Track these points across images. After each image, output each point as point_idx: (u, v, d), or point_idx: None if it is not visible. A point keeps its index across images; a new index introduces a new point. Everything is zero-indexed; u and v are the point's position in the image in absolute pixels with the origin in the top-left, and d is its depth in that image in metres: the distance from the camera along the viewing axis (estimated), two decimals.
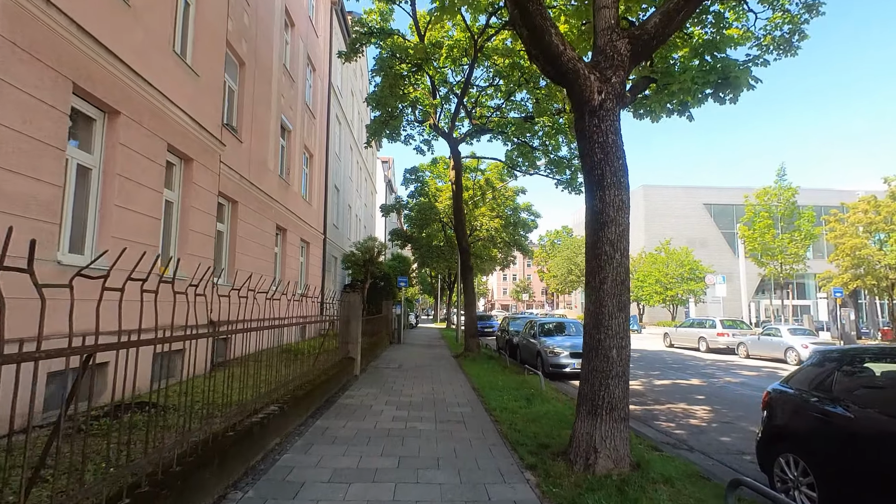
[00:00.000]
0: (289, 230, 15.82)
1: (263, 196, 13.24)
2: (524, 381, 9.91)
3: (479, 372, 11.26)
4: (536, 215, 24.80)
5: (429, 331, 33.29)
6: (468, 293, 14.95)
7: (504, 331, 18.73)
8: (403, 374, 10.73)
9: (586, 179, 4.52)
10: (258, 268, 12.82)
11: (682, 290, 40.47)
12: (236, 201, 11.48)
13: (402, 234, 25.22)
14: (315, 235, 19.42)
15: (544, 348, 12.06)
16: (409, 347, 18.41)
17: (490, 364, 12.88)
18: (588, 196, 4.50)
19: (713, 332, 19.51)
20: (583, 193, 15.97)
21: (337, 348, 10.20)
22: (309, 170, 19.08)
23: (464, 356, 14.25)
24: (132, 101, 6.54)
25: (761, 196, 24.99)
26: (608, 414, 4.14)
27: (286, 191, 15.56)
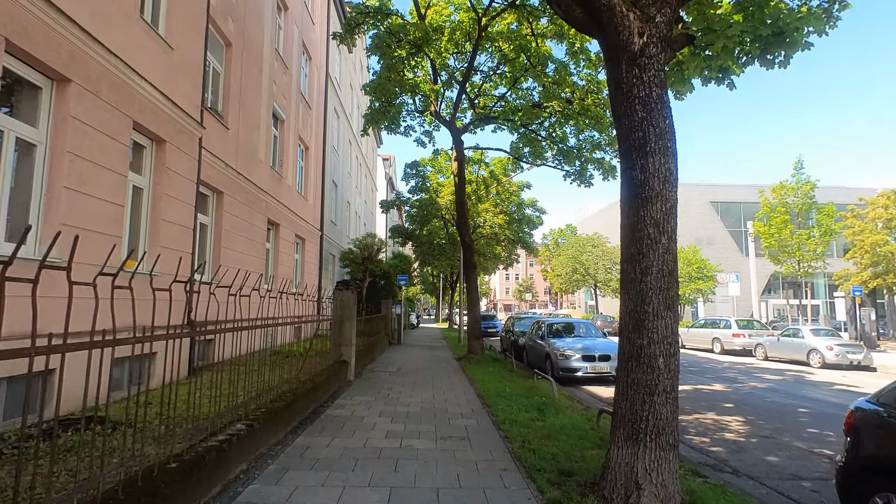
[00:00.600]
0: (282, 225, 14.98)
1: (253, 188, 12.40)
2: (533, 387, 9.04)
3: (484, 376, 10.39)
4: (542, 211, 23.89)
5: (430, 331, 32.44)
6: (471, 291, 14.08)
7: (509, 331, 17.85)
8: (402, 379, 9.86)
9: (623, 146, 3.64)
10: (247, 264, 11.98)
11: (689, 289, 39.50)
12: (221, 192, 10.64)
13: (403, 231, 24.34)
14: (311, 232, 18.58)
15: (554, 351, 11.18)
16: (409, 349, 17.55)
17: (495, 367, 12.01)
18: (625, 167, 3.62)
19: (728, 333, 18.60)
20: (592, 186, 15.06)
21: (328, 351, 9.35)
22: (304, 163, 18.24)
23: (467, 359, 13.38)
24: (86, 68, 5.68)
25: (777, 191, 24.01)
26: (654, 440, 3.26)
27: (279, 184, 14.72)
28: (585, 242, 47.61)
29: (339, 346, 9.37)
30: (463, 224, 14.05)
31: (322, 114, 20.47)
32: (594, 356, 10.77)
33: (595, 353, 10.80)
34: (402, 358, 14.13)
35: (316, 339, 11.59)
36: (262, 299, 5.43)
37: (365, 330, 15.29)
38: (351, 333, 9.51)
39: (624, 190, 3.61)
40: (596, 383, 10.93)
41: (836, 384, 11.55)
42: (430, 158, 23.63)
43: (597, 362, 10.73)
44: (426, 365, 12.48)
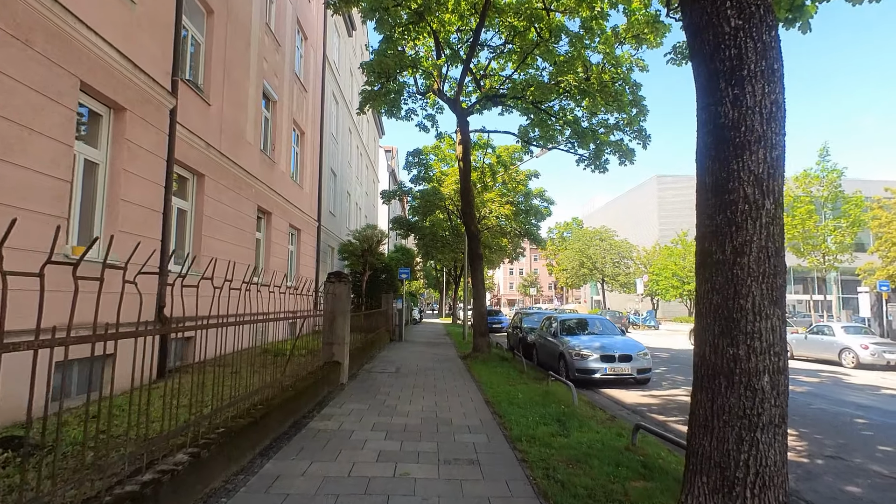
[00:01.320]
0: (274, 214, 13.98)
1: (240, 172, 11.38)
2: (548, 392, 8.02)
3: (492, 378, 9.39)
4: (550, 202, 22.76)
5: (433, 326, 31.47)
6: (477, 285, 13.05)
7: (516, 328, 16.82)
8: (401, 382, 8.87)
9: (702, 73, 2.58)
10: (234, 255, 10.99)
11: None
12: (202, 174, 9.63)
13: (405, 222, 23.31)
14: (307, 222, 17.58)
15: (569, 350, 10.15)
16: (410, 346, 16.57)
17: (503, 367, 11.00)
18: (705, 103, 2.57)
19: None
20: (607, 171, 13.96)
21: (318, 350, 8.35)
22: (300, 149, 17.22)
23: (472, 357, 12.38)
24: (12, 9, 4.66)
25: (801, 179, 22.78)
26: (757, 495, 2.24)
27: (271, 169, 13.70)
28: (593, 236, 46.48)
29: (331, 345, 8.38)
30: (468, 212, 13.00)
31: (319, 98, 19.42)
32: (614, 356, 9.74)
33: (615, 353, 9.77)
34: (403, 356, 13.15)
35: (311, 336, 10.63)
36: (247, 293, 4.81)
37: (363, 326, 14.33)
38: (344, 331, 8.50)
39: (704, 137, 2.57)
40: (615, 386, 9.91)
41: (882, 388, 10.49)
42: (432, 146, 22.57)
43: (617, 363, 9.70)
44: (428, 364, 11.48)
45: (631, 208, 56.23)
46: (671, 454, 5.04)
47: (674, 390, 9.66)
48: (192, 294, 3.71)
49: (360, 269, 20.67)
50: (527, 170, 21.69)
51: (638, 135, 11.79)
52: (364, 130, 32.39)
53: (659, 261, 42.24)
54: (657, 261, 42.87)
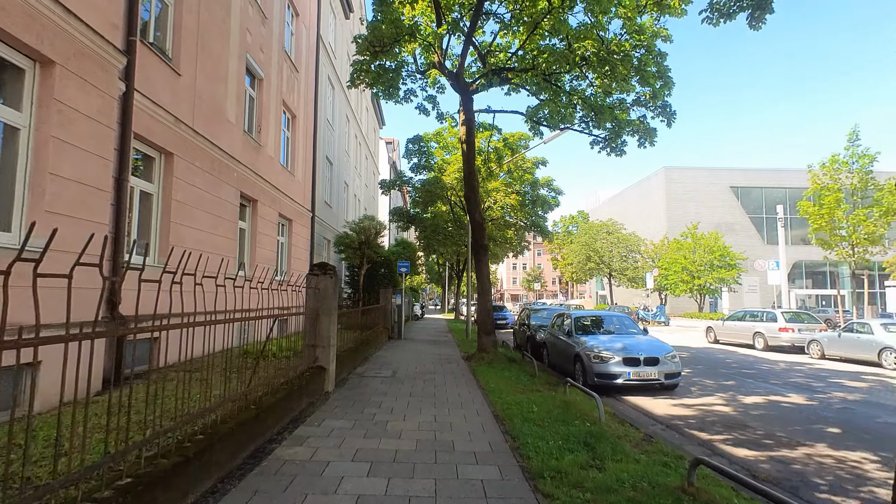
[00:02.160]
0: (261, 202, 12.84)
1: (219, 153, 10.23)
2: (567, 402, 6.86)
3: (500, 384, 8.25)
4: (558, 192, 21.46)
5: (435, 322, 30.34)
6: (482, 278, 11.88)
7: (523, 325, 15.68)
8: (396, 389, 7.73)
9: None
10: (213, 245, 9.88)
11: (710, 278, 37.10)
12: (171, 153, 8.48)
13: (405, 213, 22.10)
14: (300, 212, 16.44)
15: (586, 351, 8.99)
16: (410, 344, 15.44)
17: (512, 371, 9.85)
18: None
19: (773, 327, 16.31)
20: (625, 154, 12.72)
21: (299, 353, 7.22)
22: (291, 134, 16.05)
23: (477, 358, 11.23)
24: None
25: (829, 166, 21.39)
26: None
27: (257, 153, 12.54)
28: (599, 229, 45.22)
29: (314, 347, 7.23)
30: (472, 198, 11.80)
31: (313, 81, 18.22)
32: (638, 359, 8.57)
33: (639, 356, 8.60)
34: (401, 357, 12.01)
35: (300, 336, 9.53)
36: (229, 288, 4.32)
37: (358, 323, 13.20)
38: (330, 332, 7.36)
39: None
40: (639, 392, 8.74)
41: None
42: (434, 133, 21.34)
43: (642, 367, 8.53)
44: (428, 367, 10.35)
45: (637, 202, 54.85)
46: (739, 496, 3.87)
47: (708, 398, 8.48)
48: (164, 290, 3.31)
49: (358, 262, 19.54)
50: (534, 157, 20.51)
51: (662, 111, 10.56)
52: (363, 119, 31.18)
53: (668, 254, 40.97)
54: (665, 255, 41.62)
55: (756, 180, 51.43)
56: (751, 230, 49.74)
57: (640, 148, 12.10)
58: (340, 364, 8.61)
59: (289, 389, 5.64)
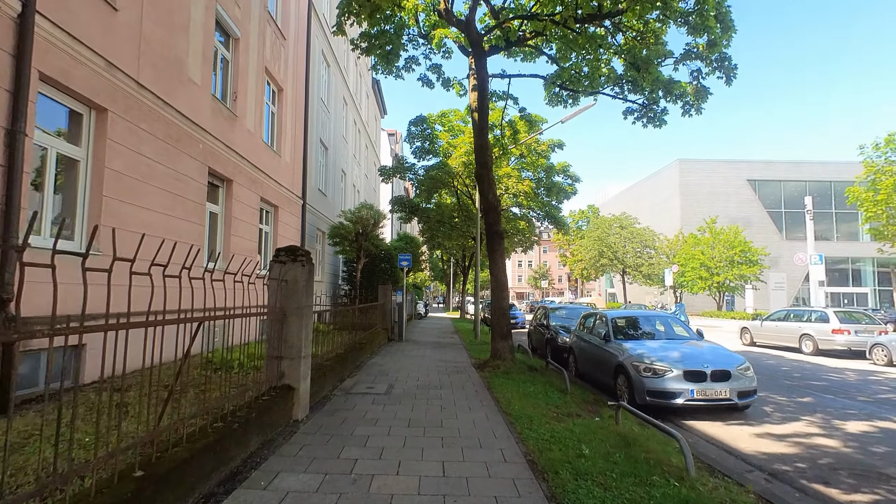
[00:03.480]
0: (237, 183, 10.99)
1: (178, 118, 8.38)
2: (624, 436, 4.96)
3: (526, 405, 6.37)
4: (575, 179, 19.44)
5: (439, 322, 28.47)
6: (497, 272, 9.98)
7: (541, 326, 13.77)
8: (390, 415, 5.87)
9: None
10: (168, 229, 8.05)
11: (731, 275, 35.04)
12: (104, 108, 6.62)
13: (406, 202, 20.19)
14: (287, 199, 14.58)
15: (634, 362, 7.07)
16: (411, 347, 13.57)
17: (536, 384, 7.96)
18: None
19: (824, 329, 14.32)
20: (664, 125, 10.75)
21: (262, 368, 5.35)
22: (278, 109, 14.18)
23: (492, 367, 9.35)
24: None
25: (885, 146, 19.18)
26: None
27: (231, 124, 10.68)
28: (612, 223, 43.21)
29: (279, 360, 5.35)
30: (485, 176, 9.88)
31: (304, 53, 16.34)
32: (704, 373, 6.65)
33: (705, 368, 6.68)
34: (401, 364, 10.13)
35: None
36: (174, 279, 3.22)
37: (354, 323, 11.39)
38: (301, 338, 5.48)
39: None
40: (703, 415, 6.83)
41: None
42: (438, 115, 19.44)
43: (708, 383, 6.62)
44: (433, 378, 8.46)
45: (649, 196, 52.73)
46: None
47: (796, 424, 6.55)
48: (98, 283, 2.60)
49: (354, 256, 17.70)
50: (548, 139, 18.50)
51: (720, 65, 8.61)
52: (363, 106, 29.28)
53: (684, 250, 38.95)
54: (682, 250, 39.60)
55: (775, 173, 49.25)
56: (768, 225, 47.58)
57: (685, 116, 10.16)
58: (322, 377, 6.75)
59: (222, 431, 3.76)
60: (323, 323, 12.39)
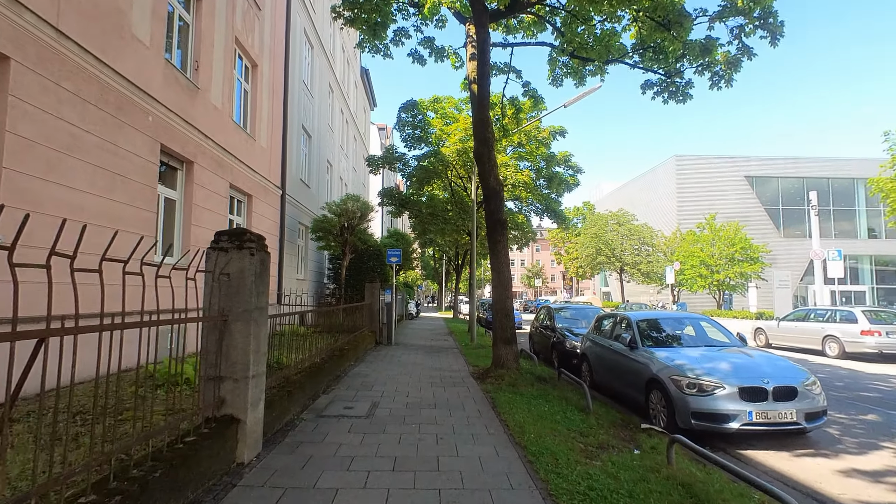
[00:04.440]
0: (200, 165, 9.54)
1: (115, 80, 6.93)
2: (682, 484, 3.63)
3: (543, 432, 5.04)
4: (577, 169, 18.12)
5: (432, 322, 27.12)
6: (499, 266, 8.63)
7: (546, 328, 12.46)
8: (370, 450, 4.51)
9: None
10: (106, 215, 6.64)
11: (731, 273, 34.02)
12: (4, 56, 5.17)
13: (396, 194, 18.76)
14: (264, 188, 13.13)
15: (674, 376, 5.75)
16: (401, 353, 12.19)
17: (550, 401, 6.63)
18: None
19: (852, 330, 13.16)
20: (690, 99, 9.38)
21: (194, 394, 3.95)
22: (251, 87, 12.72)
23: (495, 378, 8.00)
24: None
25: None
26: None
27: (191, 97, 9.23)
28: (608, 220, 42.11)
29: (218, 381, 3.95)
30: (485, 156, 8.52)
31: (283, 28, 14.89)
32: (764, 390, 5.34)
33: (765, 385, 5.38)
34: (387, 375, 8.75)
35: None
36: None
37: (336, 326, 10.07)
38: (250, 352, 4.07)
39: None
40: (762, 443, 5.53)
41: None
42: (430, 100, 18.07)
43: (771, 403, 5.31)
44: (426, 394, 7.10)
45: (645, 193, 51.67)
46: None
47: (882, 454, 5.27)
48: None
49: (339, 252, 16.26)
50: (550, 126, 17.19)
51: (763, 23, 7.32)
52: (351, 95, 27.82)
53: (682, 247, 37.96)
54: (680, 247, 38.61)
55: (773, 169, 48.47)
56: (766, 222, 46.74)
57: (714, 90, 8.88)
58: (287, 397, 5.36)
59: (113, 494, 2.36)
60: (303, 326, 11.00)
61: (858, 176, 48.54)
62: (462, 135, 16.68)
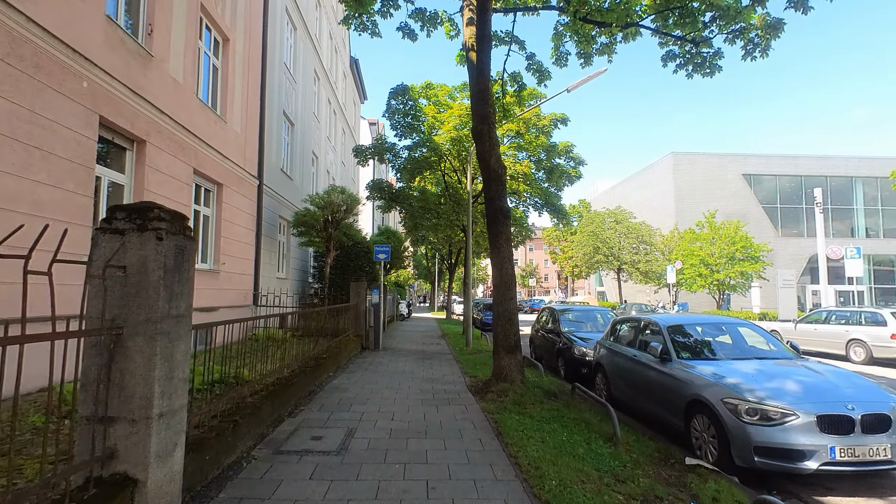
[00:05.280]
0: (153, 145, 8.22)
1: (38, 35, 5.63)
2: None
3: (566, 474, 3.84)
4: (579, 161, 16.93)
5: (424, 323, 25.89)
6: (501, 262, 7.41)
7: (551, 332, 11.27)
8: None
9: None
10: (23, 198, 5.34)
11: (732, 272, 33.11)
12: None
13: (386, 186, 17.47)
14: (237, 176, 11.82)
15: (727, 398, 4.52)
16: (389, 360, 10.96)
17: (567, 425, 5.44)
18: None
19: (881, 333, 12.10)
20: (719, 72, 7.99)
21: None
22: (222, 63, 11.40)
23: (496, 394, 6.78)
24: None
25: None
26: None
27: (143, 65, 7.91)
28: (606, 217, 41.11)
29: (106, 423, 2.68)
30: (485, 133, 7.29)
31: (261, 2, 13.58)
32: (850, 419, 4.16)
33: (850, 412, 4.20)
34: (371, 389, 7.50)
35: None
36: None
37: (317, 329, 8.88)
38: (156, 380, 2.80)
39: None
40: (844, 486, 4.35)
41: None
42: (423, 86, 16.82)
43: (858, 436, 4.13)
44: (415, 418, 5.86)
45: (641, 191, 50.75)
46: None
47: None
48: None
49: (324, 248, 14.98)
50: (551, 113, 15.98)
51: None
52: (339, 86, 26.49)
53: (681, 246, 37.04)
54: (679, 246, 37.70)
55: (770, 167, 47.79)
56: (763, 221, 45.97)
57: (747, 60, 7.73)
58: (231, 432, 4.10)
59: None
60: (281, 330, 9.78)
61: (857, 174, 48.03)
62: (456, 122, 15.45)
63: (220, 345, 6.10)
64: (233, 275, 11.45)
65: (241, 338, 5.81)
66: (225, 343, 5.91)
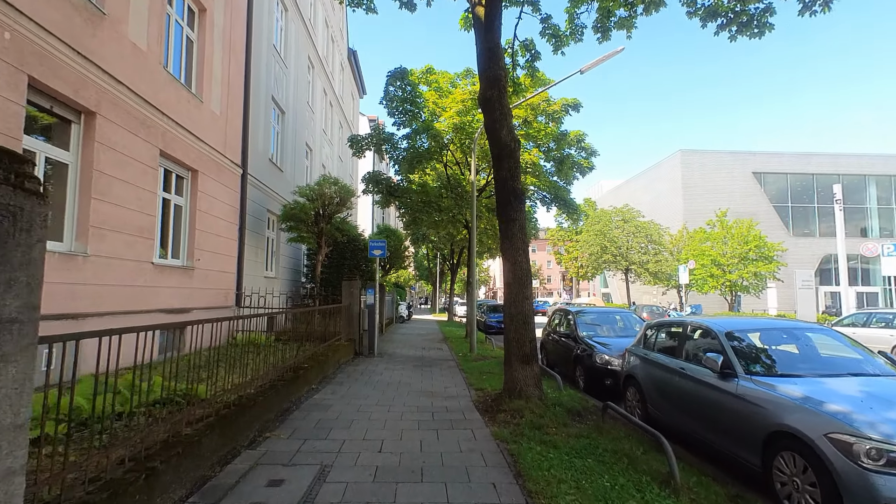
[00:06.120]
0: (106, 118, 7.02)
1: None
2: None
3: None
4: (591, 152, 15.62)
5: (425, 326, 24.66)
6: (515, 254, 6.19)
7: (567, 337, 10.03)
8: None
9: None
10: None
11: (745, 273, 31.80)
12: None
13: (383, 179, 16.25)
14: (215, 163, 10.62)
15: (835, 433, 3.30)
16: (384, 368, 9.73)
17: (603, 460, 4.22)
18: None
19: None
20: (772, 29, 7.07)
21: None
22: (197, 36, 10.20)
23: (510, 414, 5.56)
24: None
25: None
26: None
27: (93, 24, 6.72)
28: (613, 216, 39.86)
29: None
30: (495, 101, 6.08)
31: None
32: None
33: None
34: (358, 406, 6.27)
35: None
36: None
37: (304, 333, 7.72)
38: None
39: None
40: None
41: None
42: (423, 71, 15.64)
43: None
44: (408, 446, 4.65)
45: (648, 190, 49.47)
46: None
47: None
48: None
49: (315, 245, 13.78)
50: (561, 98, 14.75)
51: None
52: (336, 77, 25.34)
53: (691, 245, 35.75)
54: (688, 246, 36.41)
55: (781, 165, 46.47)
56: (774, 220, 44.61)
57: (804, 15, 6.50)
58: (147, 488, 2.87)
59: None
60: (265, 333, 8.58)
61: (871, 172, 46.69)
62: (459, 107, 14.24)
63: (188, 353, 4.94)
64: (210, 272, 10.25)
65: (215, 343, 4.64)
66: (192, 350, 4.82)
